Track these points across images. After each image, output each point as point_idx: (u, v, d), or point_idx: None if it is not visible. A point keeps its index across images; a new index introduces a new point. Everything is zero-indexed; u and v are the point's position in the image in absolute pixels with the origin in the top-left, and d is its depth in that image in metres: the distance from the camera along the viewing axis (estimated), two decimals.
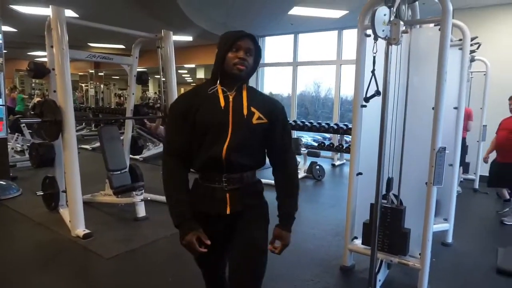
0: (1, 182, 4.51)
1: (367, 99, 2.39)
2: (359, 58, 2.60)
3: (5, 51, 4.99)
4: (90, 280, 2.64)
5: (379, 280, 2.51)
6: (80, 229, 3.28)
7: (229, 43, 1.39)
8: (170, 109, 1.48)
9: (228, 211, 1.43)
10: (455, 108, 3.23)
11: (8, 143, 5.57)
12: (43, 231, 3.44)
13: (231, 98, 1.41)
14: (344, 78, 7.75)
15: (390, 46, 2.18)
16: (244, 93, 1.44)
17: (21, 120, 3.71)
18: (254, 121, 1.40)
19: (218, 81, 1.42)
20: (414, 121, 2.56)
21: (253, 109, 1.41)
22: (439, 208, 3.39)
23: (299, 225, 3.63)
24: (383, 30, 2.06)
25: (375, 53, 2.14)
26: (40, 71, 3.48)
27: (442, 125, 2.34)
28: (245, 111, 1.41)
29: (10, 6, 6.53)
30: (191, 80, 17.50)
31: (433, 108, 2.33)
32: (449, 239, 3.37)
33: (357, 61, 2.62)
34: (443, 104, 2.31)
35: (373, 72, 2.17)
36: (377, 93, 2.19)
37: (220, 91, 1.41)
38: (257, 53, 1.45)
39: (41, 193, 3.89)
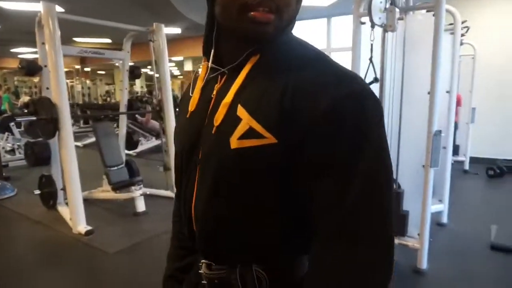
0: None
1: None
2: (355, 46, 2.63)
3: None
4: (98, 274, 2.67)
5: None
6: (82, 226, 3.28)
7: None
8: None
9: None
10: (448, 92, 3.30)
11: None
12: (44, 229, 3.43)
13: (217, 86, 0.65)
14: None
15: (386, 33, 2.23)
16: (244, 69, 0.61)
17: (17, 119, 3.64)
18: (234, 141, 0.58)
19: (212, 53, 0.66)
20: (410, 106, 2.62)
21: (239, 110, 0.59)
22: (434, 189, 3.49)
23: None
24: (379, 18, 2.10)
25: (372, 40, 2.19)
26: (32, 68, 3.43)
27: (438, 109, 2.41)
28: (219, 114, 0.61)
29: None
30: (179, 73, 17.39)
31: (428, 93, 2.39)
32: (444, 220, 3.48)
33: (353, 49, 2.65)
34: (439, 88, 2.37)
35: (371, 59, 2.22)
36: (375, 80, 2.24)
37: (203, 73, 0.68)
38: None
39: (38, 192, 3.86)
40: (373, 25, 2.12)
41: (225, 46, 0.65)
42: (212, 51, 0.66)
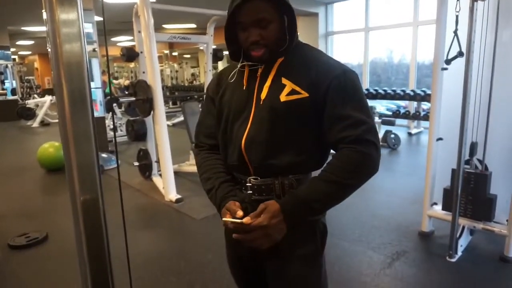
0: (103, 155, 5.19)
1: (448, 61, 2.33)
2: (440, 18, 2.48)
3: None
4: (186, 236, 3.03)
5: (461, 246, 2.49)
6: (172, 195, 3.70)
7: (228, 20, 1.00)
8: (206, 90, 1.24)
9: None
10: None
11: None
12: (142, 196, 3.95)
13: (259, 73, 1.03)
14: (421, 41, 7.24)
15: (475, 2, 2.07)
16: (277, 63, 1.02)
17: (120, 100, 4.19)
18: (283, 97, 0.97)
19: (241, 58, 1.05)
20: (503, 82, 2.40)
21: (284, 81, 0.98)
22: None
23: (375, 193, 3.67)
24: None
25: (458, 11, 2.05)
26: (131, 55, 3.89)
27: None
28: (266, 86, 1.00)
29: None
30: None
31: None
32: None
33: (438, 21, 2.50)
34: None
35: (455, 32, 2.10)
36: (460, 54, 2.12)
37: (246, 66, 1.05)
38: (282, 9, 0.97)
39: (137, 164, 4.42)
40: None
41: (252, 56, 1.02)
42: (241, 59, 1.05)
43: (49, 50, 0.69)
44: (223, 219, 0.97)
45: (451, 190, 2.48)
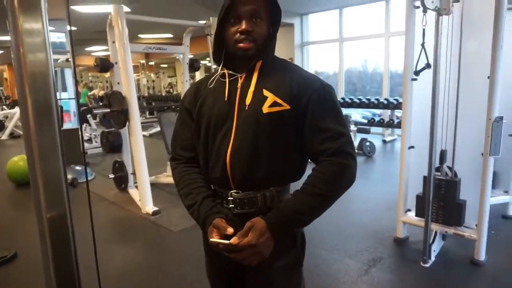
0: (77, 167, 5.05)
1: (417, 73, 2.42)
2: (409, 31, 2.58)
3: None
4: (163, 249, 2.97)
5: (434, 251, 2.56)
6: (149, 207, 3.63)
7: (224, 10, 0.99)
8: (181, 101, 1.20)
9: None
10: None
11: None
12: (117, 209, 3.86)
13: (239, 82, 1.03)
14: (393, 51, 7.49)
15: (440, 17, 2.17)
16: (256, 71, 1.03)
17: (94, 111, 4.10)
18: (266, 109, 0.98)
19: (221, 64, 1.07)
20: (468, 92, 2.51)
21: (265, 93, 1.00)
22: (498, 180, 3.30)
23: (351, 201, 3.72)
24: (432, 1, 2.05)
25: (424, 25, 2.14)
26: (105, 65, 3.83)
27: (499, 94, 2.29)
28: (248, 98, 1.01)
29: (71, 7, 7.08)
30: None
31: (488, 77, 2.28)
32: (510, 212, 3.28)
33: (407, 34, 2.60)
34: (499, 72, 2.25)
35: (422, 45, 2.19)
36: (427, 65, 2.20)
37: (227, 75, 1.05)
38: (273, 10, 1.02)
39: (112, 176, 4.32)
40: (425, 9, 2.07)
41: (233, 60, 1.04)
42: (222, 62, 1.06)
43: (13, 60, 0.67)
44: (211, 239, 0.96)
45: (423, 197, 2.55)
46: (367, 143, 5.88)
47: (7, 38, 0.70)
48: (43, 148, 0.69)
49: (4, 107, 12.30)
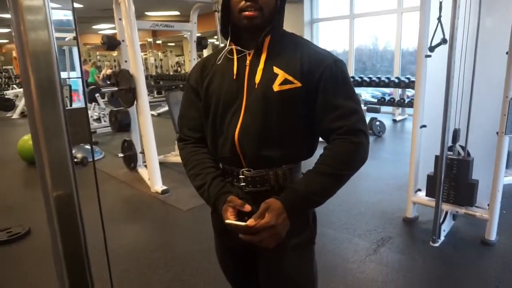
0: (87, 147, 5.09)
1: (432, 48, 2.33)
2: (424, 5, 2.47)
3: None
4: (171, 228, 3.01)
5: (444, 231, 2.54)
6: (158, 186, 3.66)
7: None
8: (186, 80, 1.15)
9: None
10: None
11: None
12: (127, 188, 3.90)
13: (248, 60, 1.00)
14: (406, 28, 7.27)
15: None
16: (264, 48, 0.99)
17: (102, 90, 4.09)
18: (276, 87, 0.95)
19: (229, 39, 1.02)
20: (485, 69, 2.43)
21: (276, 70, 0.96)
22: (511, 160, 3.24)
23: (361, 180, 3.70)
24: None
25: None
26: (112, 43, 3.78)
27: None
28: (258, 76, 0.97)
29: None
30: None
31: (507, 53, 2.19)
32: None
33: (422, 8, 2.50)
34: None
35: (439, 18, 2.10)
36: (444, 41, 2.12)
37: (235, 52, 1.01)
38: None
39: (121, 155, 4.35)
40: None
41: (241, 35, 1.00)
42: (229, 38, 1.01)
43: (14, 38, 0.65)
44: (227, 221, 0.93)
45: (435, 177, 2.51)
46: (377, 123, 5.81)
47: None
48: (47, 127, 0.67)
49: (14, 86, 12.39)
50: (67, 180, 0.71)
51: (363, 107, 6.06)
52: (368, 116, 6.03)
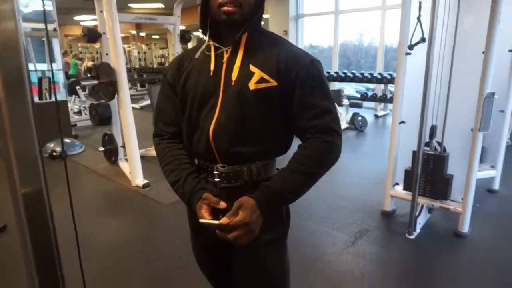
0: (66, 140, 5.00)
1: (411, 47, 2.38)
2: (405, 3, 2.51)
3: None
4: (153, 222, 2.99)
5: (419, 223, 2.61)
6: (139, 180, 3.64)
7: None
8: (163, 75, 1.14)
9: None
10: (510, 50, 3.06)
11: None
12: (107, 182, 3.85)
13: (225, 57, 1.00)
14: (389, 25, 7.36)
15: None
16: (242, 46, 0.99)
17: (82, 83, 4.01)
18: (252, 85, 0.96)
19: (208, 34, 1.02)
20: (462, 67, 2.49)
21: (252, 68, 0.97)
22: (486, 155, 3.35)
23: (342, 174, 3.76)
24: None
25: None
26: (93, 35, 3.71)
27: (492, 70, 2.27)
28: (234, 73, 0.98)
29: None
30: None
31: (483, 52, 2.25)
32: (496, 186, 3.34)
33: (403, 7, 2.54)
34: (494, 47, 2.22)
35: (418, 18, 2.14)
36: (422, 39, 2.16)
37: (212, 48, 1.02)
38: None
39: (102, 149, 4.29)
40: None
41: (220, 30, 1.01)
42: (208, 33, 1.01)
43: None
44: (201, 220, 0.93)
45: (412, 171, 2.58)
46: (359, 118, 5.89)
47: None
48: (14, 122, 0.66)
49: None
50: (36, 176, 0.70)
51: (346, 102, 6.14)
52: (350, 111, 6.11)
